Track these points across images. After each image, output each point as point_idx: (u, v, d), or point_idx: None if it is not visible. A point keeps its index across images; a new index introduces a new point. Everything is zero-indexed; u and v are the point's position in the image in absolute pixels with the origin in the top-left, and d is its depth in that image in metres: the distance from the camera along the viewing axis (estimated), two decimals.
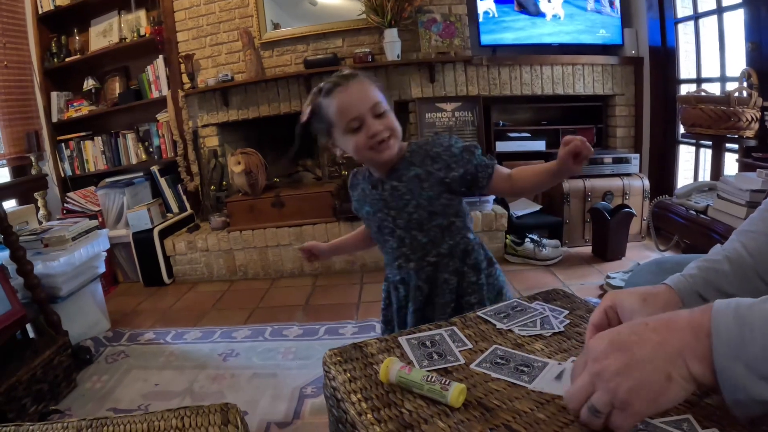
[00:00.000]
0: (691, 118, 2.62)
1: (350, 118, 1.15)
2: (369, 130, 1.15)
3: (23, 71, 3.71)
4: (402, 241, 1.26)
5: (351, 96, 1.16)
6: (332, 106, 1.18)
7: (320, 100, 1.21)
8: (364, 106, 1.15)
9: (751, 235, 0.80)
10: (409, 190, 1.22)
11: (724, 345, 0.52)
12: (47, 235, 2.44)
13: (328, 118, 1.20)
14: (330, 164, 3.49)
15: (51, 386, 1.99)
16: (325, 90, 1.20)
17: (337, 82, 1.18)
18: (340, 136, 1.20)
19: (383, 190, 1.25)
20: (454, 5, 3.39)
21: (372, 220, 1.30)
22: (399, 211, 1.24)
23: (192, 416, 0.90)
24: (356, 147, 1.17)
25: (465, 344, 0.83)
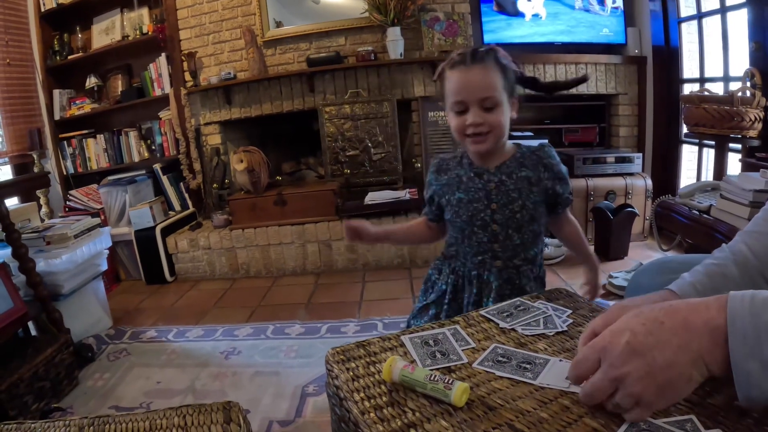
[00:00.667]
0: (694, 118, 2.61)
1: (456, 100, 1.17)
2: (469, 119, 1.16)
3: (26, 69, 3.71)
4: (495, 237, 1.24)
5: (467, 80, 1.15)
6: (449, 80, 1.18)
7: (445, 69, 1.21)
8: (474, 95, 1.15)
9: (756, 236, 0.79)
10: (517, 189, 1.22)
11: (740, 344, 0.52)
12: (49, 233, 2.45)
13: (443, 89, 1.22)
14: (333, 162, 3.49)
15: (53, 384, 1.99)
16: (451, 61, 1.20)
17: (462, 59, 1.17)
18: (447, 109, 1.23)
19: (488, 181, 1.23)
20: (457, 4, 3.38)
21: (464, 208, 1.25)
22: (502, 206, 1.22)
23: (194, 414, 0.90)
24: (454, 128, 1.20)
25: (468, 343, 0.83)
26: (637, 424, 0.59)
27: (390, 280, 3.03)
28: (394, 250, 3.17)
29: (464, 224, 1.26)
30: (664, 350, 0.55)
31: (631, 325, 0.59)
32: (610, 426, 0.59)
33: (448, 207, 1.29)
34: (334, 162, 3.50)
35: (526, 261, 1.25)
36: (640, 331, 0.57)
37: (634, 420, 0.58)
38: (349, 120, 3.44)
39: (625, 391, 0.56)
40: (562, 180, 1.26)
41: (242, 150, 3.36)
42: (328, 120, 3.45)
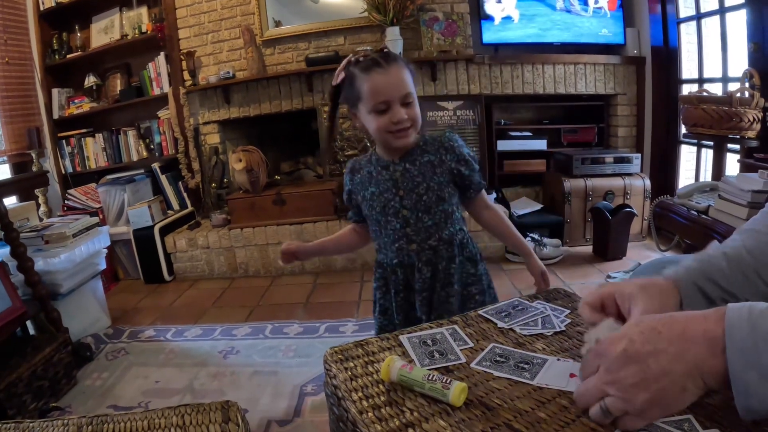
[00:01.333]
0: (692, 118, 2.61)
1: (380, 100, 1.19)
2: (394, 116, 1.19)
3: (24, 68, 3.71)
4: (407, 222, 1.29)
5: (387, 80, 1.19)
6: (366, 83, 1.20)
7: (355, 72, 1.23)
8: (396, 93, 1.19)
9: (753, 234, 0.79)
10: (421, 173, 1.28)
11: (738, 353, 0.52)
12: (48, 232, 2.45)
13: (357, 92, 1.23)
14: (331, 162, 3.49)
15: (51, 383, 1.99)
16: (363, 65, 1.22)
17: (377, 62, 1.20)
18: (365, 112, 1.23)
19: (394, 171, 1.29)
20: (456, 4, 3.38)
21: (376, 201, 1.31)
22: (408, 191, 1.28)
23: (192, 414, 0.90)
24: (378, 127, 1.22)
25: (466, 343, 0.83)
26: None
27: None
28: None
29: (378, 215, 1.32)
30: (659, 358, 0.55)
31: (630, 333, 0.59)
32: (609, 426, 0.59)
33: (363, 203, 1.36)
34: (333, 161, 3.50)
35: (442, 241, 1.30)
36: (638, 339, 0.58)
37: (625, 429, 0.58)
38: (348, 119, 3.43)
39: (617, 394, 0.57)
40: (466, 162, 1.31)
41: (241, 149, 3.36)
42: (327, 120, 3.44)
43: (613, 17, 3.48)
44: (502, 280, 2.85)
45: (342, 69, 1.28)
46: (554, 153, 3.56)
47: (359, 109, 1.26)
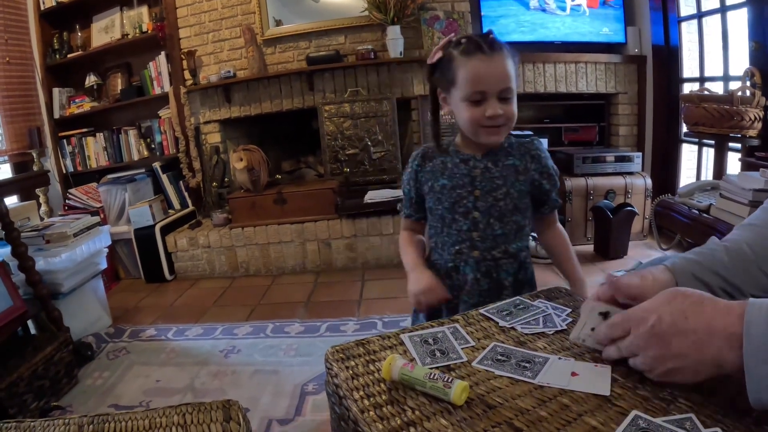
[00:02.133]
0: (694, 117, 2.61)
1: (476, 90, 1.11)
2: (488, 110, 1.11)
3: (25, 67, 3.71)
4: (476, 225, 1.20)
5: (488, 69, 1.10)
6: (465, 67, 1.11)
7: (454, 54, 1.13)
8: (495, 86, 1.10)
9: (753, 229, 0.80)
10: (503, 176, 1.19)
11: (755, 348, 0.55)
12: (49, 232, 2.45)
13: (453, 75, 1.14)
14: (332, 161, 3.49)
15: (52, 382, 2.00)
16: (465, 47, 1.12)
17: (480, 46, 1.10)
18: (458, 99, 1.15)
19: (474, 166, 1.20)
20: (456, 2, 3.38)
21: (446, 195, 1.21)
22: (485, 192, 1.19)
23: (194, 413, 0.90)
24: (470, 119, 1.13)
25: (468, 342, 0.83)
26: (636, 422, 0.59)
27: (389, 279, 3.03)
28: (393, 248, 3.17)
29: (445, 211, 1.22)
30: (681, 342, 0.61)
31: (661, 311, 0.64)
32: (609, 424, 0.59)
33: (430, 194, 1.25)
34: (334, 161, 3.50)
35: (506, 254, 1.21)
36: (667, 319, 0.63)
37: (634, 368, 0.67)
38: (349, 119, 3.43)
39: (639, 361, 0.66)
40: (549, 176, 1.23)
41: (242, 148, 3.36)
42: (328, 119, 3.45)
43: (615, 16, 3.47)
44: None
45: (441, 48, 1.17)
46: (555, 152, 3.55)
47: (451, 94, 1.17)
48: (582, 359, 0.75)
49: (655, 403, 0.63)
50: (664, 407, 0.62)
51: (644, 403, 0.63)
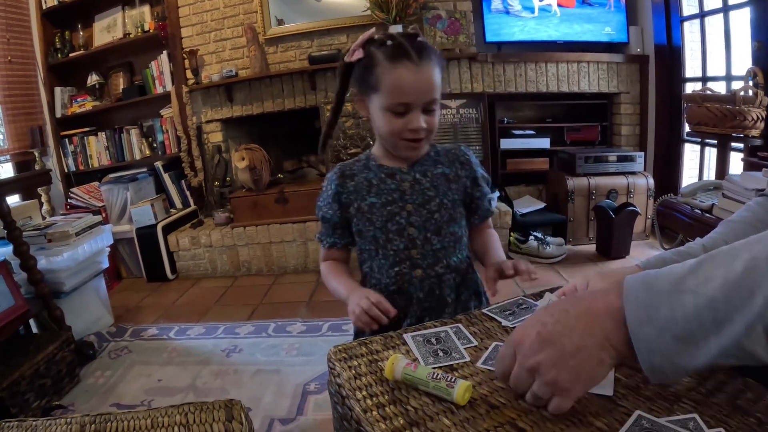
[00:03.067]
0: (696, 117, 2.61)
1: (400, 101, 1.01)
2: (411, 123, 1.02)
3: (27, 67, 3.71)
4: (413, 243, 1.11)
5: (415, 79, 1.00)
6: (389, 75, 1.01)
7: (378, 56, 1.03)
8: (420, 98, 1.02)
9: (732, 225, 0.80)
10: (434, 187, 1.12)
11: (634, 312, 0.54)
12: (51, 231, 2.45)
13: (375, 80, 1.03)
14: (334, 160, 3.48)
15: (54, 381, 2.00)
16: (390, 51, 1.02)
17: (407, 53, 1.00)
18: (378, 106, 1.05)
19: (401, 180, 1.12)
20: (459, 2, 3.37)
21: (377, 213, 1.12)
22: (418, 206, 1.11)
23: (196, 412, 0.90)
24: (390, 130, 1.04)
25: (470, 341, 0.83)
26: (639, 422, 0.59)
27: None
28: None
29: (378, 231, 1.12)
30: (572, 336, 0.58)
31: (541, 318, 0.62)
32: (614, 425, 0.59)
33: (358, 215, 1.14)
34: (336, 160, 3.49)
35: (449, 269, 1.13)
36: (549, 321, 0.60)
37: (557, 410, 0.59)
38: (351, 118, 3.43)
39: (541, 379, 0.59)
40: (479, 185, 1.17)
41: (244, 148, 3.36)
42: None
43: (615, 14, 3.46)
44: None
45: (360, 45, 1.07)
46: (557, 151, 3.55)
47: (371, 100, 1.07)
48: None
49: (659, 403, 0.62)
50: (667, 407, 0.61)
51: (648, 403, 0.62)
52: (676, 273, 0.53)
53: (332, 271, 1.20)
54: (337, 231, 1.19)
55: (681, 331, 0.51)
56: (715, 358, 0.50)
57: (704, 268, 0.52)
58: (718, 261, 0.52)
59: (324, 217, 1.19)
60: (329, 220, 1.18)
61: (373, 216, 1.13)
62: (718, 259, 0.52)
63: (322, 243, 1.22)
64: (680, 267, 0.54)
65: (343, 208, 1.16)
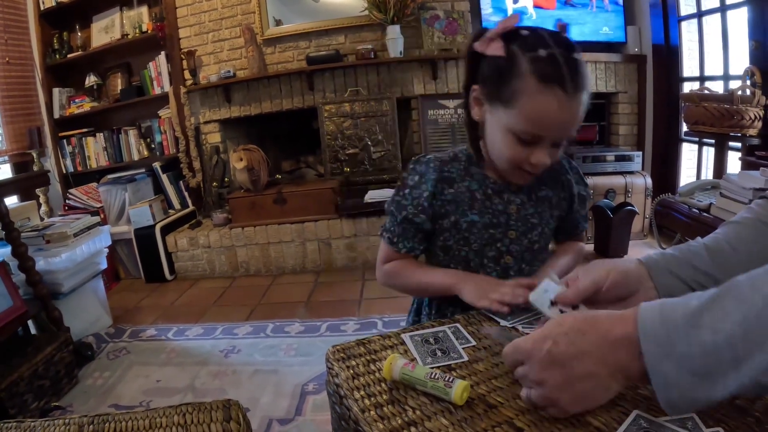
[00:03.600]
0: (694, 116, 2.61)
1: (532, 131, 0.85)
2: (535, 157, 0.87)
3: (25, 67, 3.71)
4: (506, 272, 1.01)
5: (561, 115, 0.83)
6: (533, 98, 0.82)
7: (524, 67, 0.82)
8: (559, 135, 0.87)
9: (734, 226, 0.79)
10: (538, 214, 1.00)
11: (652, 346, 0.53)
12: (49, 232, 2.45)
13: (511, 95, 0.84)
14: (332, 161, 3.48)
15: (52, 382, 2.00)
16: (541, 69, 0.81)
17: (562, 80, 0.80)
18: (503, 123, 0.87)
19: (509, 202, 0.98)
20: (456, 2, 3.38)
21: (475, 234, 0.99)
22: (521, 234, 1.00)
23: (194, 413, 0.90)
24: (508, 157, 0.90)
25: (469, 341, 0.83)
26: (637, 421, 0.59)
27: None
28: None
29: (472, 254, 1.00)
30: (583, 361, 0.56)
31: (554, 333, 0.60)
32: (612, 425, 0.59)
33: (452, 231, 1.01)
34: (334, 160, 3.50)
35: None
36: (562, 340, 0.58)
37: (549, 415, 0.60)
38: (349, 118, 3.43)
39: (542, 393, 0.59)
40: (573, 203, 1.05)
41: (242, 148, 3.35)
42: (328, 118, 3.45)
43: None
44: None
45: (500, 37, 0.86)
46: None
47: (496, 110, 0.88)
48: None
49: (657, 403, 0.62)
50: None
51: (646, 403, 0.62)
52: (693, 307, 0.52)
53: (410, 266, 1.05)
54: (418, 236, 1.03)
55: (699, 367, 0.50)
56: (733, 393, 0.49)
57: (723, 303, 0.51)
58: (736, 294, 0.51)
59: (408, 219, 1.01)
60: (416, 222, 1.01)
61: (471, 236, 1.00)
62: (736, 292, 0.51)
63: (395, 246, 1.03)
64: (698, 299, 0.53)
65: (436, 216, 1.01)
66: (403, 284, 1.06)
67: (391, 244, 1.04)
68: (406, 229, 1.02)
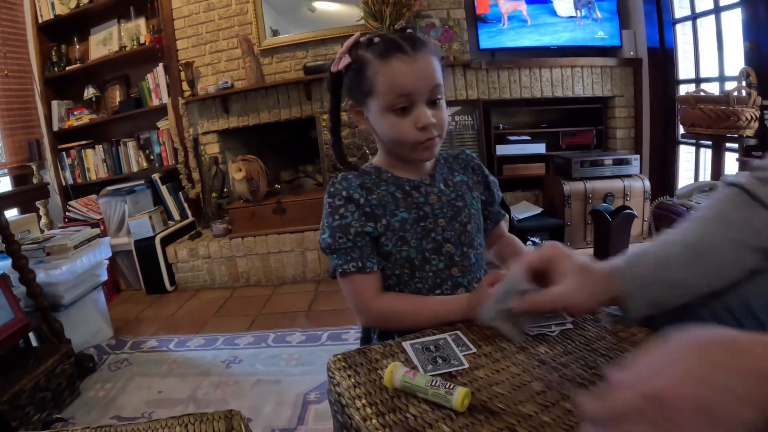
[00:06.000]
0: (690, 118, 2.62)
1: (401, 93, 0.92)
2: (419, 120, 0.92)
3: (24, 80, 3.72)
4: (452, 260, 1.01)
5: (413, 70, 0.91)
6: (383, 72, 0.92)
7: (367, 57, 0.94)
8: (422, 86, 0.92)
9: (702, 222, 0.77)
10: (460, 196, 1.03)
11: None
12: (49, 244, 2.45)
13: (369, 84, 0.94)
14: (331, 170, 3.49)
15: (54, 394, 1.99)
16: (380, 48, 0.93)
17: (399, 46, 0.91)
18: (377, 110, 0.95)
19: (427, 193, 1.01)
20: (452, 9, 3.40)
21: (409, 231, 0.99)
22: (450, 220, 1.01)
23: (196, 423, 0.90)
24: (397, 134, 0.94)
25: (469, 348, 0.83)
26: None
27: None
28: None
29: (413, 251, 0.99)
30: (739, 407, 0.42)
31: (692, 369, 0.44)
32: None
33: (388, 234, 0.98)
34: (333, 170, 3.50)
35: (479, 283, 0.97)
36: (707, 379, 0.43)
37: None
38: (347, 127, 3.44)
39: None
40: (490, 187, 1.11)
41: (240, 159, 3.36)
42: (326, 127, 3.46)
43: (610, 19, 3.48)
44: None
45: (346, 51, 0.97)
46: (553, 156, 3.56)
47: (369, 106, 0.97)
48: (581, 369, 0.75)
49: None
50: None
51: None
52: None
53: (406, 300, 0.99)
54: (365, 250, 0.98)
55: None
56: None
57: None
58: None
59: (360, 232, 0.97)
60: (368, 234, 0.98)
61: (407, 234, 0.99)
62: None
63: (364, 270, 0.96)
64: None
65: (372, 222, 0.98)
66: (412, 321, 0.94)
67: (359, 271, 0.96)
68: (363, 246, 0.97)
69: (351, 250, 0.96)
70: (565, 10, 3.45)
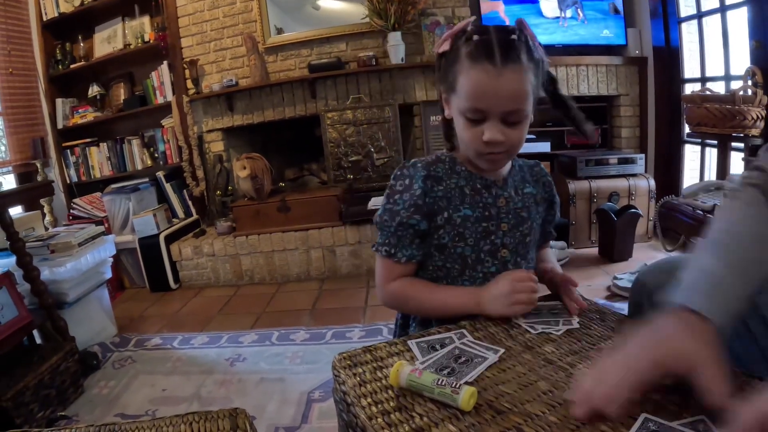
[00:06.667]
0: (696, 118, 2.61)
1: (475, 107, 0.89)
2: (487, 134, 0.90)
3: (28, 78, 3.73)
4: (504, 266, 1.01)
5: (494, 86, 0.87)
6: (467, 75, 0.89)
7: (461, 51, 0.90)
8: (499, 106, 0.89)
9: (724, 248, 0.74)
10: (526, 207, 1.03)
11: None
12: (54, 241, 2.45)
13: (454, 79, 0.92)
14: (335, 168, 3.49)
15: (58, 392, 2.00)
16: (472, 47, 0.89)
17: (490, 54, 0.86)
18: (456, 108, 0.94)
19: (498, 195, 1.00)
20: (457, 8, 3.39)
21: (470, 229, 0.98)
22: (512, 227, 1.01)
23: (201, 421, 0.90)
24: (467, 140, 0.94)
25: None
26: (646, 425, 0.58)
27: None
28: None
29: (468, 249, 0.99)
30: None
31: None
32: (619, 429, 0.59)
33: (446, 227, 0.99)
34: (337, 167, 3.50)
35: None
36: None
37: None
38: (351, 125, 3.44)
39: None
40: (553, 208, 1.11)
41: (245, 157, 3.36)
42: (330, 126, 3.46)
43: (615, 18, 3.47)
44: None
45: (450, 36, 0.95)
46: (558, 155, 3.55)
47: (451, 99, 0.96)
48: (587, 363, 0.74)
49: (665, 406, 0.62)
50: (674, 410, 0.61)
51: (654, 406, 0.62)
52: None
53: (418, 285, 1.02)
54: (415, 241, 1.00)
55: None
56: None
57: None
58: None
59: (404, 223, 0.97)
60: (412, 227, 0.98)
61: (466, 231, 0.99)
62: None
63: (394, 257, 1.00)
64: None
65: (429, 214, 0.98)
66: (417, 306, 1.02)
67: (389, 256, 1.00)
68: (402, 236, 0.99)
69: (391, 236, 0.99)
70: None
